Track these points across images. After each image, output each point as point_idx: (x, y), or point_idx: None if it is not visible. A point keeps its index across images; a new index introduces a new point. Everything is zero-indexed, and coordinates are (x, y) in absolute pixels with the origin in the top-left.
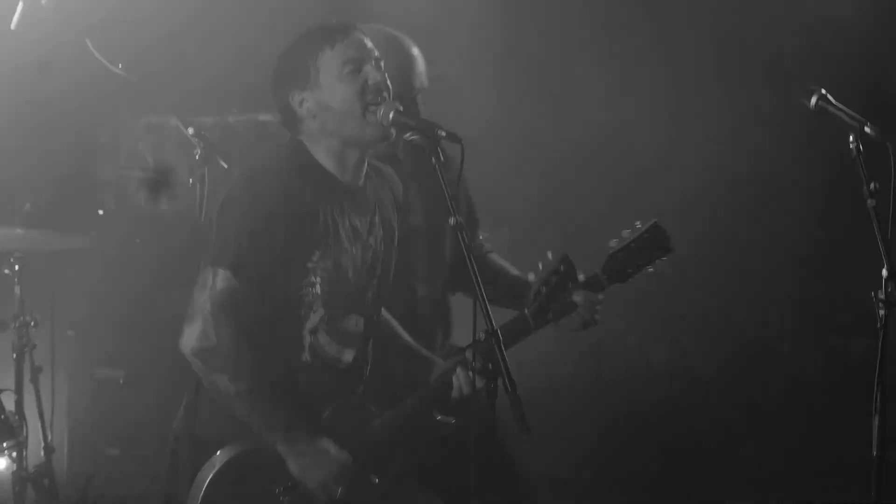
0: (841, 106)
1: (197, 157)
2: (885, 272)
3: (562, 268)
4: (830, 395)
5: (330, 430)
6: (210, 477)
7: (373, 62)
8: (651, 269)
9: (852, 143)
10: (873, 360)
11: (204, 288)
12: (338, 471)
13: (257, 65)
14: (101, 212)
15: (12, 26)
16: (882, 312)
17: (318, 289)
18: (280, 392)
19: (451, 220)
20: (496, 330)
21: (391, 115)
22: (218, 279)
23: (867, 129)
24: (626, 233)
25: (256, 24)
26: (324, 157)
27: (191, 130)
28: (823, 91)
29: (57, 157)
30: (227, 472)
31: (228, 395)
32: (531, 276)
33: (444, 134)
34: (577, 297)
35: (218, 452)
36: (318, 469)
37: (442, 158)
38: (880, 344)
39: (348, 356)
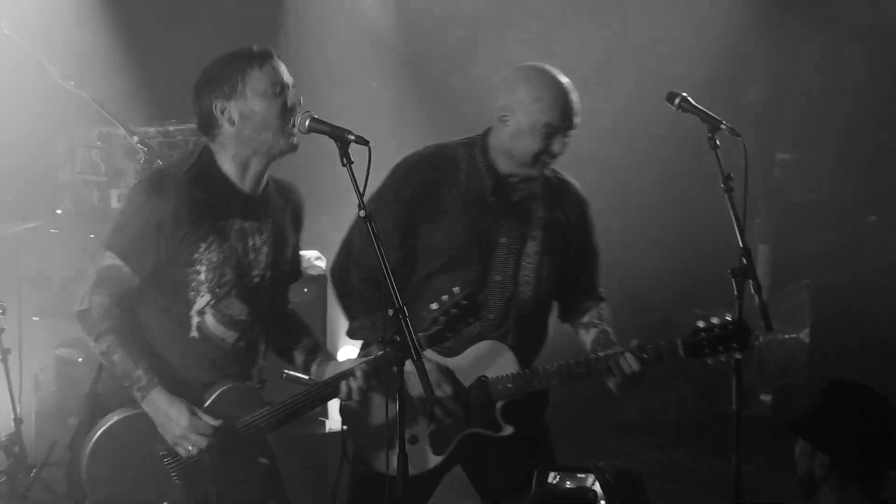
0: (699, 107)
1: (142, 162)
2: (739, 249)
3: (464, 302)
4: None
5: (218, 403)
6: (100, 431)
7: (291, 88)
8: (724, 359)
9: (709, 139)
10: None
11: (96, 262)
12: (189, 428)
13: (187, 82)
14: (59, 210)
15: None
16: (736, 283)
17: (202, 276)
18: (158, 362)
19: (361, 213)
20: (402, 307)
21: (307, 122)
22: (105, 257)
23: (722, 127)
24: (714, 319)
25: (191, 48)
26: (228, 164)
27: (136, 139)
28: (684, 94)
29: (21, 163)
30: (117, 430)
31: (97, 355)
32: (434, 306)
33: (353, 137)
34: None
35: (115, 411)
36: (171, 425)
37: (353, 160)
38: (737, 312)
39: (231, 338)
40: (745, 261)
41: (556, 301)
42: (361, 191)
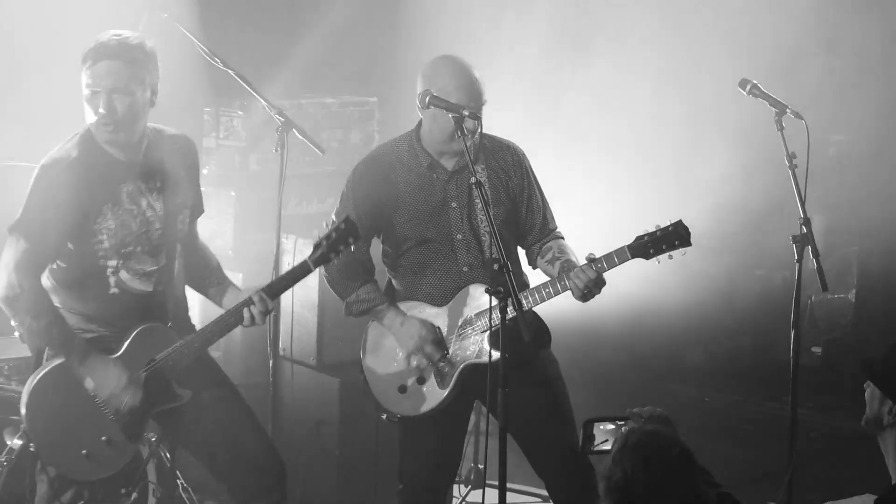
0: (768, 92)
1: (278, 131)
2: (801, 219)
3: (342, 226)
4: (757, 314)
5: (134, 343)
6: (38, 377)
7: (106, 91)
8: (671, 257)
9: (776, 122)
10: (790, 287)
11: (8, 248)
12: (121, 389)
13: (317, 62)
14: (205, 171)
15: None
16: (797, 249)
17: (106, 244)
18: (83, 318)
19: (472, 179)
20: (506, 262)
21: (427, 99)
22: (17, 242)
23: (788, 111)
24: (657, 226)
25: (320, 32)
26: (104, 142)
27: (273, 110)
28: (755, 81)
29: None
30: (50, 377)
31: (32, 331)
32: (315, 232)
33: (466, 113)
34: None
35: (50, 361)
36: (104, 387)
37: (465, 132)
38: (797, 273)
39: (148, 287)
40: (804, 229)
41: (521, 247)
42: (473, 159)
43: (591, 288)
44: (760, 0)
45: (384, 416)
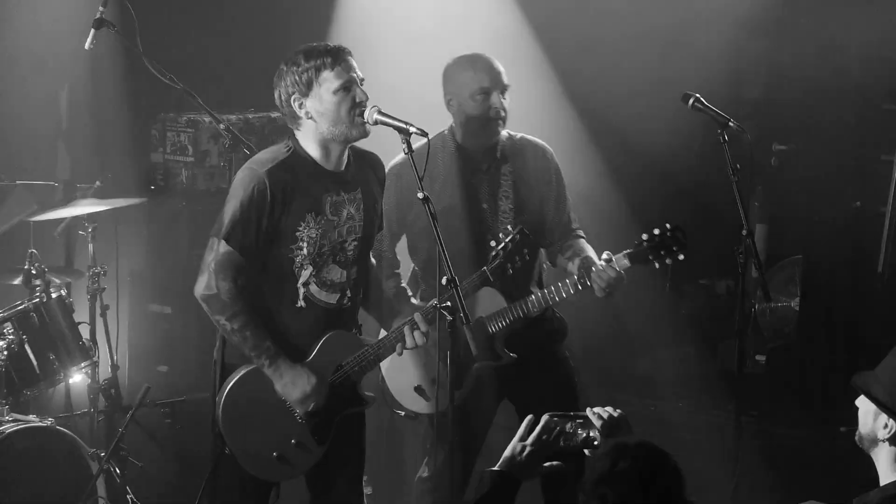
0: (711, 106)
1: (226, 146)
2: (744, 231)
3: (517, 237)
4: (702, 323)
5: (324, 348)
6: (232, 382)
7: (359, 81)
8: (669, 262)
9: (719, 134)
10: (734, 296)
11: (210, 251)
12: (310, 391)
13: (269, 74)
14: (152, 187)
15: (86, 47)
16: (741, 261)
17: (304, 251)
18: (270, 329)
19: (420, 195)
20: (454, 277)
21: (375, 116)
22: (219, 246)
23: (730, 125)
24: (655, 230)
25: (270, 44)
26: (312, 149)
27: (222, 126)
28: (697, 95)
29: (119, 146)
30: (243, 382)
31: (226, 331)
32: (492, 243)
33: (414, 129)
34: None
35: (240, 368)
36: (294, 389)
37: (413, 148)
38: (740, 284)
39: (334, 300)
40: (748, 241)
41: (543, 247)
42: (420, 175)
43: (613, 287)
44: (702, 12)
45: (402, 413)
